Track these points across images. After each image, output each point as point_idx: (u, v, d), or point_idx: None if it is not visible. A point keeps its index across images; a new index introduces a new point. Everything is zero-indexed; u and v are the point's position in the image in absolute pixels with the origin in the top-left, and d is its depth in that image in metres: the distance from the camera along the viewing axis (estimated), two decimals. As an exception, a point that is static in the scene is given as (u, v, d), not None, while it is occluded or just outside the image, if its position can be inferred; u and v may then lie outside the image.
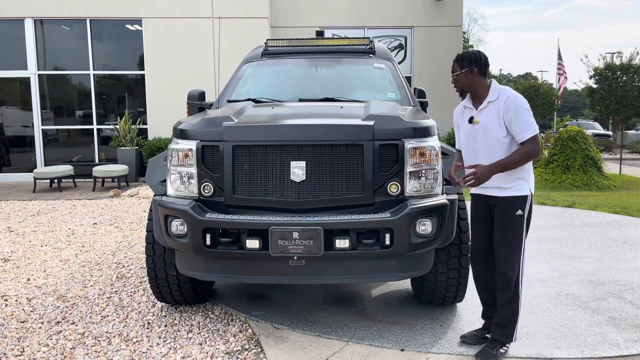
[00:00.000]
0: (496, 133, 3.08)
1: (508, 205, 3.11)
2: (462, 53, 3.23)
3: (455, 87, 3.26)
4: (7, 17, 12.03)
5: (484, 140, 3.13)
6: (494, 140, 3.09)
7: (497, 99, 3.09)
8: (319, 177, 3.22)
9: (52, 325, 3.76)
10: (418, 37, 13.77)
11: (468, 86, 3.19)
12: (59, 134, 12.86)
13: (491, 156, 3.09)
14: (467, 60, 3.16)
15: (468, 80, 3.17)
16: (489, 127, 3.10)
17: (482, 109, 3.15)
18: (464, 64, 3.16)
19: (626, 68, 26.88)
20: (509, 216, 3.11)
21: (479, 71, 3.15)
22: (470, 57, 3.16)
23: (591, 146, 11.40)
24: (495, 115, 3.08)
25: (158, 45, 12.20)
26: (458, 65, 3.19)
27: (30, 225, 7.26)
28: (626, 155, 18.36)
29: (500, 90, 3.11)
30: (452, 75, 3.25)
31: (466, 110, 3.28)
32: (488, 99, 3.13)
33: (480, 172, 3.05)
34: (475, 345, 3.32)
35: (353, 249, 3.15)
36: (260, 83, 5.01)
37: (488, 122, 3.11)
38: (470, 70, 3.14)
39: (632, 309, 3.94)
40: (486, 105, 3.13)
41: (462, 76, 3.18)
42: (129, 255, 5.61)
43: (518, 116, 3.00)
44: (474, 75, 3.15)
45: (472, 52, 3.22)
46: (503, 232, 3.14)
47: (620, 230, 6.61)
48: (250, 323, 3.73)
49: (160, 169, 3.73)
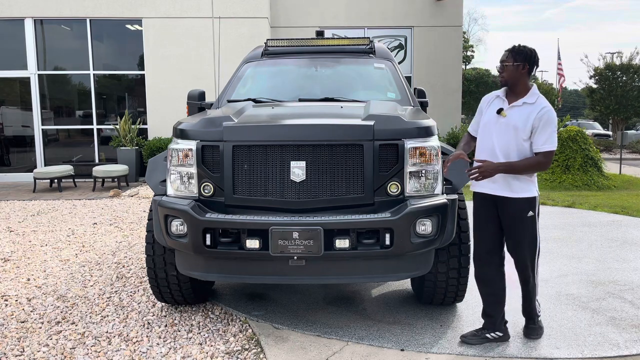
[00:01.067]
0: (519, 134, 3.11)
1: (518, 207, 3.16)
2: (519, 45, 3.18)
3: (500, 77, 3.22)
4: (7, 17, 12.03)
5: (504, 135, 3.16)
6: (515, 140, 3.13)
7: (534, 103, 3.12)
8: (319, 177, 3.22)
9: (52, 325, 3.76)
10: (418, 37, 13.77)
11: (512, 80, 3.17)
12: (59, 134, 12.86)
13: (506, 153, 3.14)
14: (522, 54, 3.13)
15: (516, 74, 3.15)
16: (515, 125, 3.12)
17: (514, 106, 3.16)
18: (517, 58, 3.13)
19: (626, 68, 26.91)
20: (521, 218, 3.17)
21: (528, 69, 3.14)
22: (527, 53, 3.14)
23: (591, 146, 11.40)
24: (525, 117, 3.10)
25: (158, 45, 12.20)
26: (511, 57, 3.15)
27: (30, 225, 7.26)
28: (626, 155, 18.37)
29: (539, 97, 3.15)
30: (501, 64, 3.20)
31: (497, 100, 3.27)
32: (525, 100, 3.15)
33: (486, 168, 3.09)
34: (476, 345, 3.31)
35: (353, 249, 3.15)
36: (260, 83, 5.01)
37: (516, 121, 3.12)
38: (522, 65, 3.13)
39: (632, 309, 3.94)
40: (520, 104, 3.15)
41: (512, 68, 3.15)
42: (129, 255, 5.61)
43: (546, 128, 3.07)
44: (523, 72, 3.14)
45: (530, 48, 3.17)
46: (519, 236, 3.20)
47: (620, 230, 6.61)
48: (250, 323, 3.73)
49: (160, 169, 3.73)
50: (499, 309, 3.37)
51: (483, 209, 3.31)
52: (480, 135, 3.31)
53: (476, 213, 3.38)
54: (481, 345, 3.31)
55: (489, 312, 3.38)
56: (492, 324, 3.36)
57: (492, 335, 3.34)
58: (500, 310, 3.37)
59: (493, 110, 3.25)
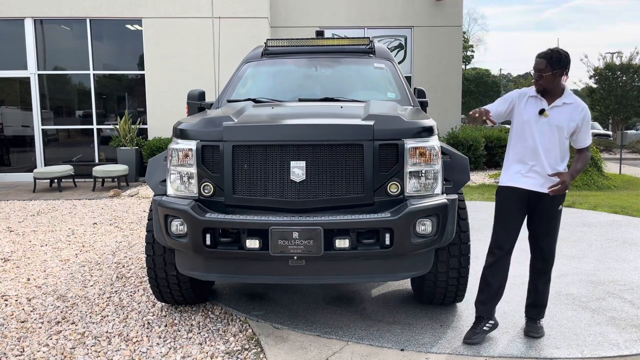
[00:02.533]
0: (563, 133, 3.22)
1: (554, 201, 3.30)
2: (555, 53, 3.16)
3: (537, 84, 3.23)
4: (7, 17, 12.03)
5: (547, 135, 3.23)
6: (558, 139, 3.23)
7: (573, 103, 3.23)
8: (319, 177, 3.22)
9: (52, 325, 3.76)
10: (418, 37, 13.77)
11: (551, 86, 3.21)
12: (58, 134, 12.86)
13: (549, 151, 3.24)
14: (559, 62, 3.14)
15: (554, 81, 3.19)
16: (559, 125, 3.21)
17: (554, 107, 3.23)
18: (556, 66, 3.14)
19: (626, 68, 26.90)
20: (555, 211, 3.34)
21: (564, 74, 3.19)
22: (563, 60, 3.15)
23: (591, 146, 11.40)
24: (568, 117, 3.21)
25: (158, 45, 12.20)
26: (549, 66, 3.15)
27: (30, 225, 7.26)
28: (626, 155, 18.38)
29: (572, 96, 3.26)
30: (537, 73, 3.20)
31: (533, 100, 3.29)
32: (564, 100, 3.23)
33: (567, 181, 3.18)
34: (481, 343, 3.34)
35: (353, 248, 3.15)
36: (260, 83, 5.01)
37: (560, 120, 3.21)
38: (560, 72, 3.16)
39: (632, 309, 3.94)
40: (560, 105, 3.23)
41: (551, 77, 3.17)
42: (129, 255, 5.61)
43: (587, 126, 3.26)
44: (559, 78, 3.20)
45: (564, 53, 3.17)
46: (550, 226, 3.36)
47: (620, 230, 6.61)
48: (250, 323, 3.73)
49: (160, 169, 3.73)
50: (497, 298, 3.45)
51: (516, 204, 3.34)
52: (519, 134, 3.33)
53: (506, 206, 3.38)
54: (482, 342, 3.33)
55: (485, 300, 3.42)
56: (488, 311, 3.41)
57: (488, 326, 3.41)
58: (497, 298, 3.46)
59: (532, 110, 3.27)
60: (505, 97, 3.43)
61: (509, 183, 3.37)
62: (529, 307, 3.55)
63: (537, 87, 3.25)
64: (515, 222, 3.38)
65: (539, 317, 3.51)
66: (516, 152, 3.36)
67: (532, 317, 3.51)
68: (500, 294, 3.45)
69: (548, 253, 3.42)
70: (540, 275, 3.46)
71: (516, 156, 3.36)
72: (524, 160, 3.32)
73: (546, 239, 3.40)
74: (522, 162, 3.33)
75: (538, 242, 3.43)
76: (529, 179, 3.29)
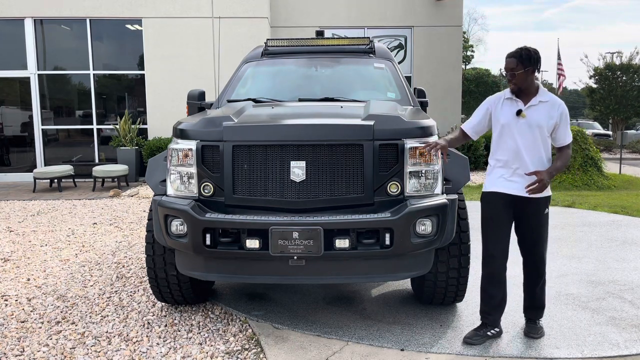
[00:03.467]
0: (544, 132, 3.19)
1: (541, 205, 3.25)
2: (524, 51, 3.15)
3: (510, 84, 3.22)
4: (7, 17, 12.03)
5: (527, 135, 3.20)
6: (540, 138, 3.20)
7: (549, 101, 3.20)
8: (319, 177, 3.22)
9: (52, 325, 3.76)
10: (418, 37, 13.77)
11: (525, 84, 3.19)
12: (58, 134, 12.86)
13: (532, 151, 3.20)
14: (529, 59, 3.13)
15: (526, 79, 3.17)
16: (538, 124, 3.17)
17: (531, 106, 3.20)
18: (526, 63, 3.13)
19: (626, 68, 26.92)
20: (542, 216, 3.27)
21: (536, 71, 3.18)
22: (533, 56, 3.13)
23: (591, 146, 11.40)
24: (547, 115, 3.18)
25: (158, 45, 12.20)
26: (519, 64, 3.13)
27: (30, 225, 7.26)
28: (626, 155, 18.38)
29: (548, 94, 3.23)
30: (509, 73, 3.18)
31: (509, 102, 3.26)
32: (539, 98, 3.20)
33: (545, 179, 3.13)
34: (480, 344, 3.32)
35: (353, 248, 3.15)
36: (260, 83, 5.01)
37: (538, 119, 3.18)
38: (531, 69, 3.15)
39: (632, 309, 3.94)
40: (537, 104, 3.20)
41: (523, 75, 3.15)
42: (129, 255, 5.61)
43: (565, 122, 3.22)
44: (531, 75, 3.17)
45: (533, 50, 3.17)
46: (538, 231, 3.30)
47: (620, 230, 6.61)
48: (250, 323, 3.73)
49: (160, 168, 3.73)
50: (503, 306, 3.43)
51: (504, 209, 3.28)
52: (500, 137, 3.30)
53: (493, 212, 3.32)
54: (482, 344, 3.32)
55: (491, 311, 3.40)
56: (494, 321, 3.40)
57: (492, 332, 3.39)
58: (504, 306, 3.43)
59: (509, 112, 3.24)
60: (481, 105, 3.41)
61: (493, 188, 3.32)
62: (527, 309, 3.53)
63: (511, 87, 3.23)
64: (503, 228, 3.31)
65: (537, 317, 3.48)
66: (498, 158, 3.31)
67: (531, 317, 3.50)
68: (503, 304, 3.43)
69: (539, 260, 3.35)
70: (534, 280, 3.41)
71: (499, 162, 3.30)
72: (507, 164, 3.27)
73: (536, 246, 3.33)
74: (505, 167, 3.28)
75: (527, 248, 3.37)
76: (513, 183, 3.24)
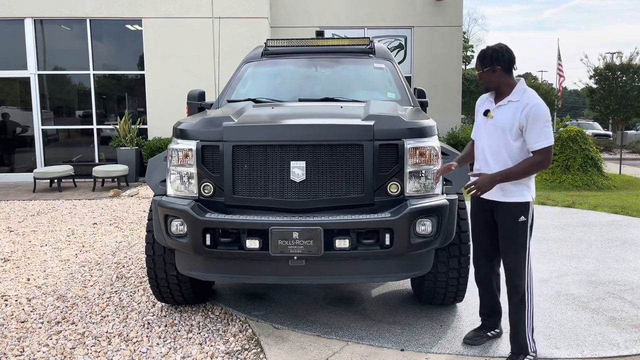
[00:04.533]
0: (506, 134, 2.97)
1: (510, 211, 3.02)
2: (483, 50, 3.06)
3: (480, 83, 3.13)
4: (7, 17, 12.03)
5: (493, 137, 3.04)
6: (504, 141, 2.99)
7: (519, 101, 2.95)
8: (319, 177, 3.21)
9: (52, 325, 3.76)
10: (418, 37, 13.76)
11: (491, 84, 3.05)
12: (58, 134, 12.86)
13: (496, 155, 3.03)
14: (488, 58, 2.99)
15: (491, 78, 3.01)
16: (502, 125, 2.99)
17: (500, 106, 3.03)
18: (485, 62, 3.01)
19: (626, 68, 26.91)
20: (512, 223, 3.02)
21: (502, 69, 2.98)
22: (492, 54, 2.98)
23: (591, 146, 11.41)
24: (511, 116, 2.95)
25: (158, 45, 12.20)
26: (480, 64, 3.04)
27: (30, 225, 7.26)
28: (626, 155, 18.37)
29: (524, 93, 2.97)
30: (478, 73, 3.10)
31: (487, 102, 3.15)
32: (509, 98, 2.99)
33: (481, 182, 2.98)
34: (480, 345, 3.32)
35: (353, 249, 3.15)
36: (260, 83, 5.01)
37: (503, 120, 2.99)
38: (492, 69, 2.99)
39: (632, 309, 3.94)
40: (506, 104, 3.00)
41: (485, 75, 3.03)
42: (129, 255, 5.61)
43: (535, 124, 2.88)
44: (496, 74, 2.99)
45: (493, 48, 3.01)
46: (508, 240, 3.05)
47: (620, 230, 6.61)
48: (250, 323, 3.73)
49: (160, 169, 3.73)
50: (497, 309, 3.39)
51: (480, 213, 3.22)
52: (475, 140, 3.23)
53: (473, 217, 3.29)
54: (482, 345, 3.32)
55: (488, 312, 3.39)
56: (494, 322, 3.39)
57: (492, 333, 3.38)
58: (498, 310, 3.39)
59: (482, 112, 3.16)
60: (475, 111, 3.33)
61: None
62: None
63: (481, 86, 3.14)
64: (479, 233, 3.24)
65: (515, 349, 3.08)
66: (475, 161, 3.22)
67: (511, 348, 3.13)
68: (498, 307, 3.37)
69: (511, 272, 3.04)
70: (509, 295, 3.10)
71: (475, 164, 3.21)
72: (478, 166, 3.18)
73: (508, 255, 3.06)
74: (478, 169, 3.17)
75: (502, 257, 3.16)
76: None
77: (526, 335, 3.05)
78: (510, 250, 3.05)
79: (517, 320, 3.06)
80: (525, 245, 3.03)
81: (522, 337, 3.05)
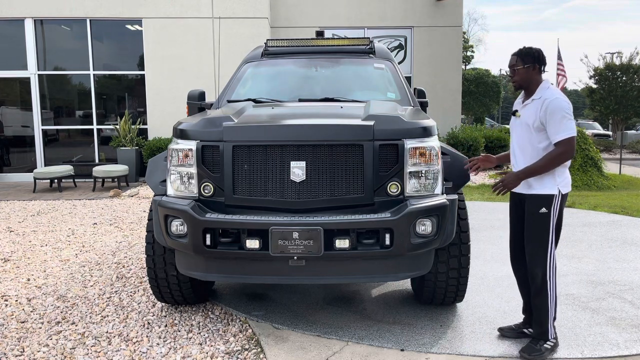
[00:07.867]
0: (530, 130, 3.16)
1: (534, 202, 3.18)
2: (525, 48, 3.24)
3: (512, 81, 3.28)
4: (7, 17, 12.03)
5: (521, 134, 3.24)
6: (529, 137, 3.19)
7: (540, 97, 3.14)
8: (319, 177, 3.22)
9: (52, 325, 3.76)
10: (418, 37, 13.77)
11: (524, 82, 3.23)
12: (59, 134, 12.86)
13: (523, 151, 3.22)
14: (530, 56, 3.19)
15: (527, 76, 3.20)
16: (527, 123, 3.18)
17: (526, 104, 3.24)
18: (527, 60, 3.19)
19: (626, 68, 26.91)
20: (534, 214, 3.18)
21: (539, 68, 3.19)
22: (534, 53, 3.19)
23: (591, 146, 11.41)
24: (533, 113, 3.15)
25: (158, 45, 12.20)
26: (520, 60, 3.21)
27: (30, 225, 7.27)
28: (626, 155, 18.36)
29: (546, 90, 3.16)
30: (511, 69, 3.26)
31: (517, 103, 3.37)
32: (533, 97, 3.20)
33: (507, 180, 3.18)
34: (513, 338, 3.39)
35: (353, 249, 3.15)
36: (260, 83, 5.01)
37: (527, 118, 3.18)
38: (532, 66, 3.18)
39: (632, 309, 3.94)
40: (530, 102, 3.20)
41: (523, 71, 3.20)
42: (129, 255, 5.61)
43: (553, 117, 3.04)
44: (534, 72, 3.19)
45: (535, 49, 3.22)
46: (529, 230, 3.23)
47: (620, 230, 6.61)
48: (250, 323, 3.73)
49: (160, 169, 3.73)
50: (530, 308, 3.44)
51: (513, 207, 3.40)
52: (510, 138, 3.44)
53: (510, 211, 3.46)
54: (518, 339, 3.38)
55: (525, 307, 3.46)
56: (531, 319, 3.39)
57: (529, 331, 3.40)
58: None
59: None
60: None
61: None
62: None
63: (513, 84, 3.30)
64: (514, 229, 3.42)
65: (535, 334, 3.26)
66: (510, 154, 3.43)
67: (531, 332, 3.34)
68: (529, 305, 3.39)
69: (531, 259, 3.22)
70: (529, 281, 3.28)
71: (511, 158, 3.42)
72: (512, 161, 3.38)
73: (529, 244, 3.24)
74: (512, 164, 3.38)
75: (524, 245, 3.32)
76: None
77: (548, 321, 3.20)
78: (531, 239, 3.22)
79: (538, 306, 3.22)
80: (546, 236, 3.16)
81: (542, 322, 3.21)
